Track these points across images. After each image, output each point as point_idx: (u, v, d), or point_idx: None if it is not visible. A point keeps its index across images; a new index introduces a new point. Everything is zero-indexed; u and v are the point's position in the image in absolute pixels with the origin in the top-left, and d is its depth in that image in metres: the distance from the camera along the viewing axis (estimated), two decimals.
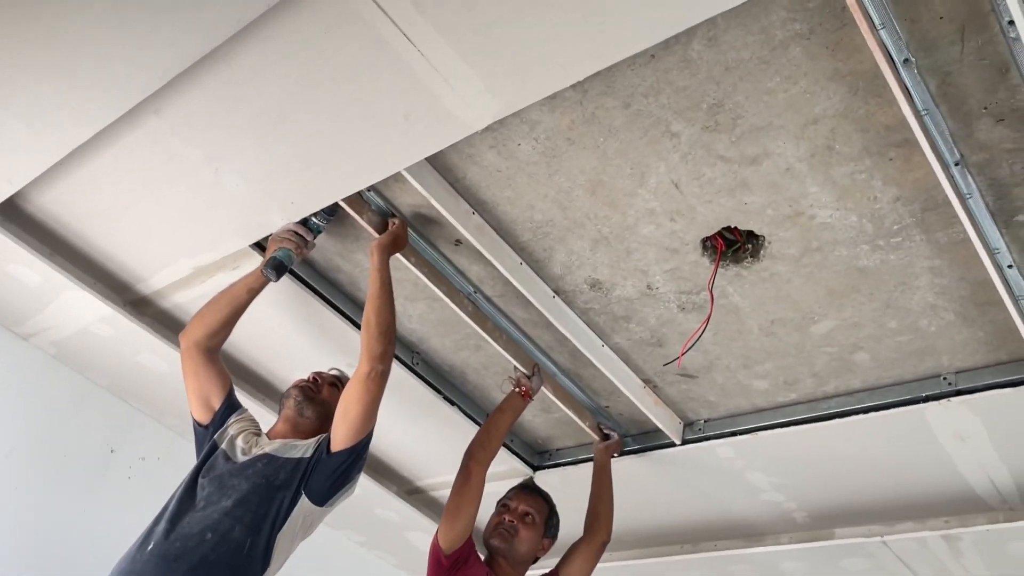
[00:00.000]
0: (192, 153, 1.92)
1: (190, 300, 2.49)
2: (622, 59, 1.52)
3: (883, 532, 2.75)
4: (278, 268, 2.15)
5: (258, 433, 2.21)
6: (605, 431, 2.79)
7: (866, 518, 2.79)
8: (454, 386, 2.83)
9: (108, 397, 2.98)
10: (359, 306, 2.54)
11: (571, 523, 2.52)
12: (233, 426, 2.20)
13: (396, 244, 2.13)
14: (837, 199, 1.85)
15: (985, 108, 1.59)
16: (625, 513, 3.05)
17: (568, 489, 2.98)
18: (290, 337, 2.62)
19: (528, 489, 2.45)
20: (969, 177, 1.71)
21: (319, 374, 2.34)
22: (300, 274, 2.41)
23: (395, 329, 2.10)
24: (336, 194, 1.97)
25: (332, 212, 2.16)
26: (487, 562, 2.28)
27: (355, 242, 2.32)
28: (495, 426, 2.37)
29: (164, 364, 2.75)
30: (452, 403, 2.79)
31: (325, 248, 2.36)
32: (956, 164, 1.68)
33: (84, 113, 1.82)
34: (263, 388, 2.88)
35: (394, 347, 2.11)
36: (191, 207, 2.09)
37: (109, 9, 1.57)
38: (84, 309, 2.54)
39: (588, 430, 2.77)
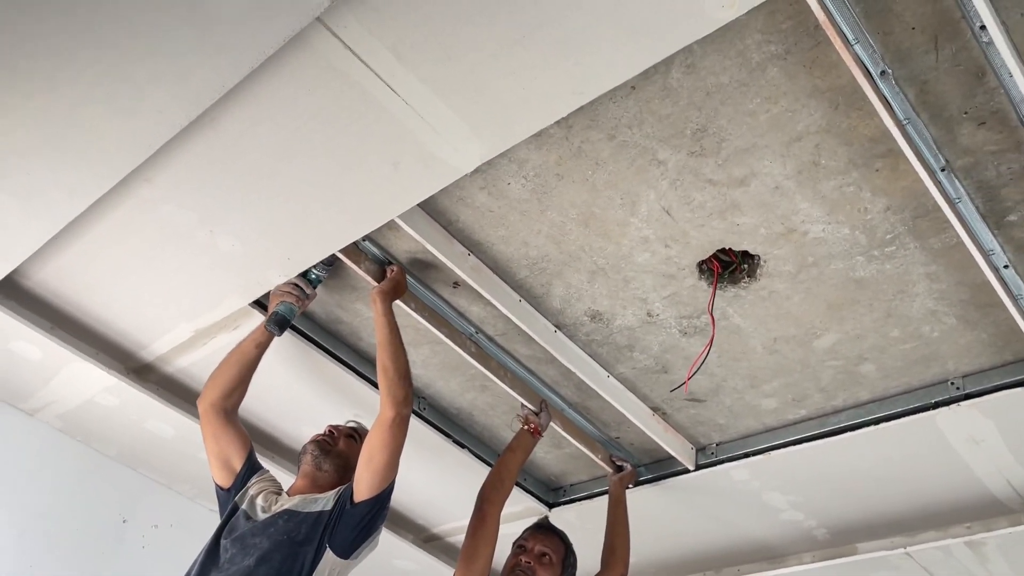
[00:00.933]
0: (186, 217, 1.93)
1: (193, 363, 2.49)
2: (603, 93, 1.54)
3: (906, 543, 2.72)
4: (281, 323, 2.17)
5: (278, 492, 2.18)
6: (618, 462, 2.77)
7: (888, 530, 2.76)
8: (463, 428, 2.81)
9: (117, 467, 2.96)
10: (362, 356, 2.55)
11: (590, 558, 2.50)
12: (254, 486, 2.17)
13: (396, 290, 2.15)
14: (828, 213, 1.86)
15: (966, 113, 1.61)
16: (644, 543, 3.02)
17: (585, 524, 2.96)
18: (296, 392, 2.61)
19: (543, 529, 2.42)
20: (956, 181, 1.72)
21: (335, 427, 2.32)
22: (302, 328, 2.41)
23: (410, 372, 2.11)
24: (332, 246, 1.99)
25: (330, 263, 2.18)
26: None
27: (354, 292, 2.32)
28: (506, 466, 2.35)
29: (171, 429, 2.74)
30: (462, 446, 2.78)
31: (325, 301, 2.36)
32: (942, 170, 1.69)
33: (76, 187, 1.83)
34: (272, 446, 2.86)
35: (412, 390, 2.10)
36: (188, 270, 2.10)
37: (95, 83, 1.60)
38: (88, 380, 2.53)
39: (600, 463, 2.76)
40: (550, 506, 3.02)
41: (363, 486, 2.01)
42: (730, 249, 2.00)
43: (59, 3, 1.46)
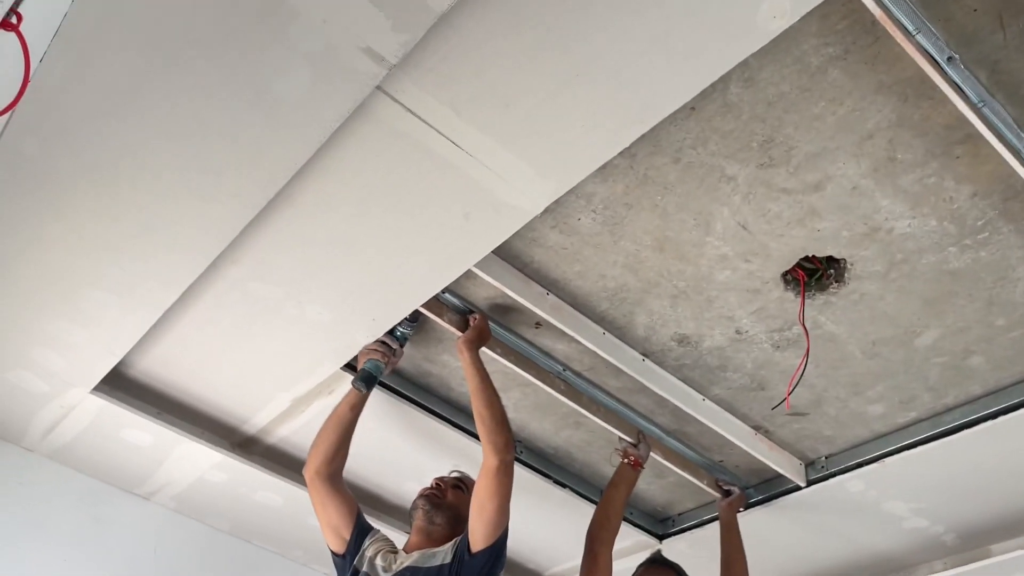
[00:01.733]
0: (273, 292, 2.00)
1: (294, 431, 2.55)
2: (663, 119, 1.54)
3: None
4: (367, 380, 2.19)
5: (394, 550, 2.18)
6: (725, 487, 2.71)
7: (1021, 528, 2.60)
8: (562, 467, 2.80)
9: (232, 540, 3.04)
10: (455, 407, 2.57)
11: None
12: (370, 548, 2.16)
13: (481, 338, 2.17)
14: (912, 207, 1.80)
15: None
16: (762, 567, 2.92)
17: (699, 553, 2.89)
18: (395, 449, 2.64)
19: (657, 563, 2.40)
20: None
21: (441, 479, 2.32)
22: (394, 385, 2.45)
23: (507, 417, 2.11)
24: (413, 303, 2.02)
25: (415, 319, 2.22)
26: None
27: (439, 344, 2.35)
28: (611, 502, 2.32)
29: (279, 498, 2.80)
30: (563, 485, 2.76)
31: (412, 356, 2.40)
32: None
33: (169, 276, 1.92)
34: (377, 504, 2.90)
35: (512, 435, 2.10)
36: (280, 342, 2.16)
37: (175, 176, 1.68)
38: (197, 459, 2.62)
39: (707, 488, 2.69)
40: (660, 538, 2.96)
41: (478, 536, 2.00)
42: (814, 256, 1.95)
43: (134, 106, 1.55)
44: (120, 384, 2.38)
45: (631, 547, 2.95)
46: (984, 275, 1.93)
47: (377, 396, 2.39)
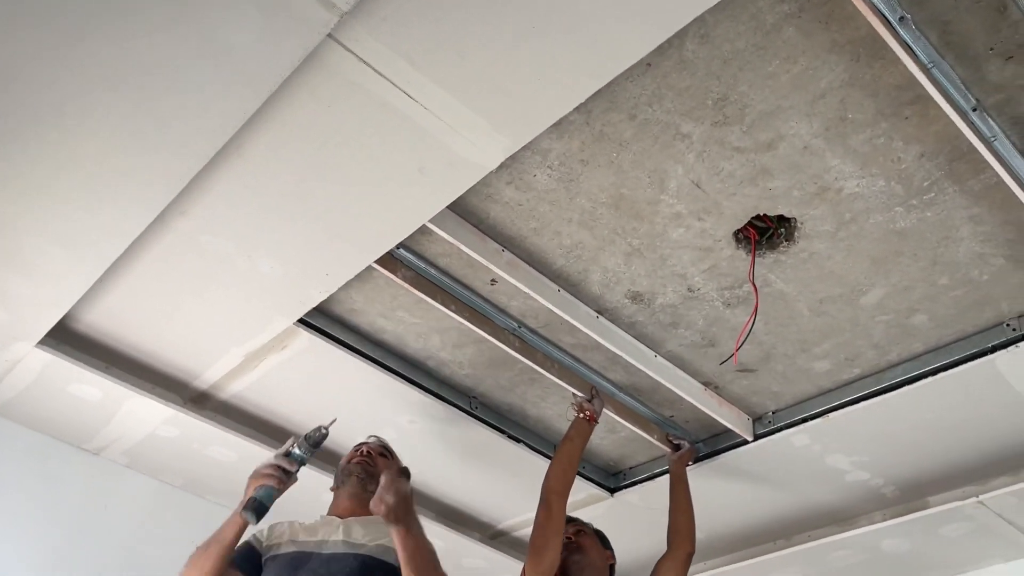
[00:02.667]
0: (224, 246, 1.97)
1: (247, 387, 2.53)
2: (619, 73, 1.54)
3: (978, 492, 2.66)
4: (258, 509, 1.96)
5: (303, 524, 2.18)
6: (675, 441, 2.76)
7: (958, 480, 2.71)
8: (516, 423, 2.82)
9: (185, 496, 3.03)
10: (410, 363, 2.57)
11: (658, 539, 2.49)
12: (270, 538, 2.14)
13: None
14: (861, 167, 1.83)
15: (991, 49, 1.57)
16: (711, 519, 3.00)
17: (650, 505, 2.96)
18: (351, 405, 2.64)
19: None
20: (990, 120, 1.68)
21: (367, 447, 2.32)
22: (348, 341, 2.43)
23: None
24: (367, 258, 2.00)
25: (317, 444, 2.07)
26: None
27: (394, 300, 2.34)
28: (567, 455, 2.35)
29: (233, 454, 2.79)
30: (517, 440, 2.79)
31: (367, 312, 2.38)
32: (974, 110, 1.65)
33: (115, 228, 1.88)
34: (331, 460, 2.90)
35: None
36: (232, 297, 2.14)
37: (120, 125, 1.63)
38: (148, 414, 2.60)
39: (658, 443, 2.75)
40: (612, 491, 3.02)
41: None
42: (765, 215, 1.98)
43: (77, 51, 1.50)
44: (66, 338, 2.33)
45: (584, 500, 3.01)
46: (929, 235, 1.98)
47: (333, 352, 2.38)
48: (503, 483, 2.97)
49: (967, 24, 1.53)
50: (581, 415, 2.43)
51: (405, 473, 2.04)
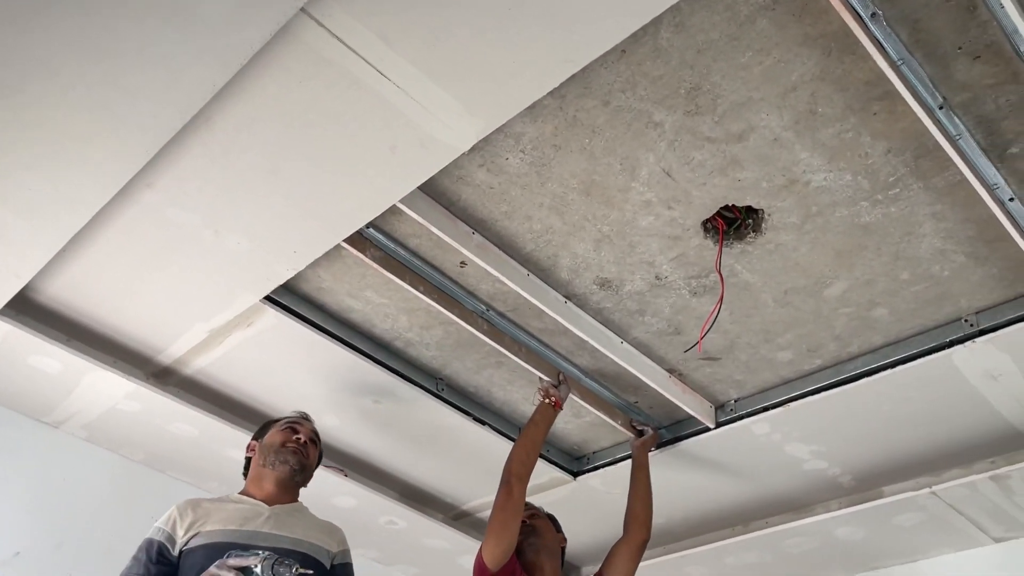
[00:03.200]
0: (190, 219, 1.95)
1: (211, 363, 2.51)
2: (594, 59, 1.54)
3: (931, 483, 2.73)
4: None
5: (227, 499, 2.15)
6: (638, 427, 2.79)
7: (912, 471, 2.77)
8: (481, 406, 2.83)
9: (145, 471, 3.01)
10: (376, 343, 2.56)
11: (618, 524, 2.52)
12: (188, 531, 2.03)
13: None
14: (829, 161, 1.85)
15: (960, 48, 1.60)
16: (672, 504, 3.05)
17: (611, 489, 3.00)
18: (314, 384, 2.63)
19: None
20: (956, 118, 1.71)
21: (300, 429, 2.28)
22: (316, 320, 2.42)
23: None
24: (336, 237, 1.99)
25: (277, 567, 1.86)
26: (524, 571, 2.28)
27: (363, 279, 2.33)
28: (530, 440, 2.37)
29: (195, 430, 2.77)
30: (482, 423, 2.80)
31: (335, 291, 2.37)
32: (940, 108, 1.68)
33: (78, 198, 1.85)
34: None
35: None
36: (198, 271, 2.11)
37: (86, 94, 1.60)
38: (109, 388, 2.57)
39: (621, 428, 2.77)
40: (575, 475, 3.04)
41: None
42: (733, 205, 2.00)
43: (42, 17, 1.46)
44: (27, 309, 2.29)
45: (547, 483, 3.04)
46: (893, 230, 2.01)
47: (299, 330, 2.37)
48: (467, 465, 2.99)
49: (937, 23, 1.55)
50: (546, 400, 2.44)
51: None
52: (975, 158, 1.77)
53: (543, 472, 2.97)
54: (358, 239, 2.13)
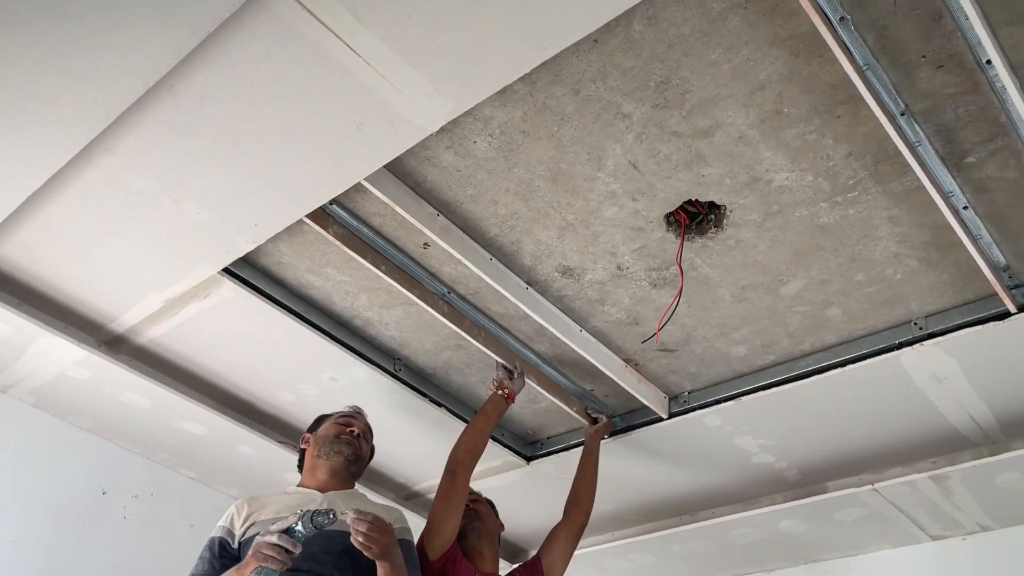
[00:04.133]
0: (149, 186, 1.91)
1: (165, 333, 2.48)
2: (566, 47, 1.54)
3: (873, 480, 2.80)
4: None
5: (286, 492, 2.21)
6: (593, 415, 2.82)
7: (856, 468, 2.84)
8: (439, 387, 2.84)
9: (94, 440, 2.96)
10: (336, 320, 2.55)
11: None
12: (252, 528, 2.04)
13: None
14: (792, 161, 1.88)
15: (924, 56, 1.63)
16: (621, 491, 3.09)
17: (563, 475, 3.02)
18: (273, 359, 2.61)
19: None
20: (916, 125, 1.75)
21: (355, 422, 2.31)
22: (275, 295, 2.40)
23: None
24: (299, 212, 1.97)
25: (321, 527, 1.82)
26: (465, 556, 2.30)
27: (324, 256, 2.31)
28: (479, 429, 2.38)
29: (146, 400, 2.73)
30: (439, 404, 2.81)
31: (295, 267, 2.35)
32: (902, 114, 1.72)
33: (35, 159, 1.81)
34: (249, 412, 2.87)
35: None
36: (155, 240, 2.08)
37: (48, 54, 1.56)
38: (59, 354, 2.52)
39: (576, 415, 2.80)
40: (527, 459, 3.06)
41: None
42: (697, 200, 2.02)
43: None
44: None
45: (499, 467, 3.06)
46: (850, 232, 2.05)
47: (257, 304, 2.35)
48: (422, 445, 2.99)
49: (903, 30, 1.58)
50: (499, 392, 2.46)
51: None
52: (933, 165, 1.81)
53: (496, 455, 2.99)
54: (321, 215, 2.11)
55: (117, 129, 1.75)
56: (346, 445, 2.25)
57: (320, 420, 2.36)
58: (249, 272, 2.34)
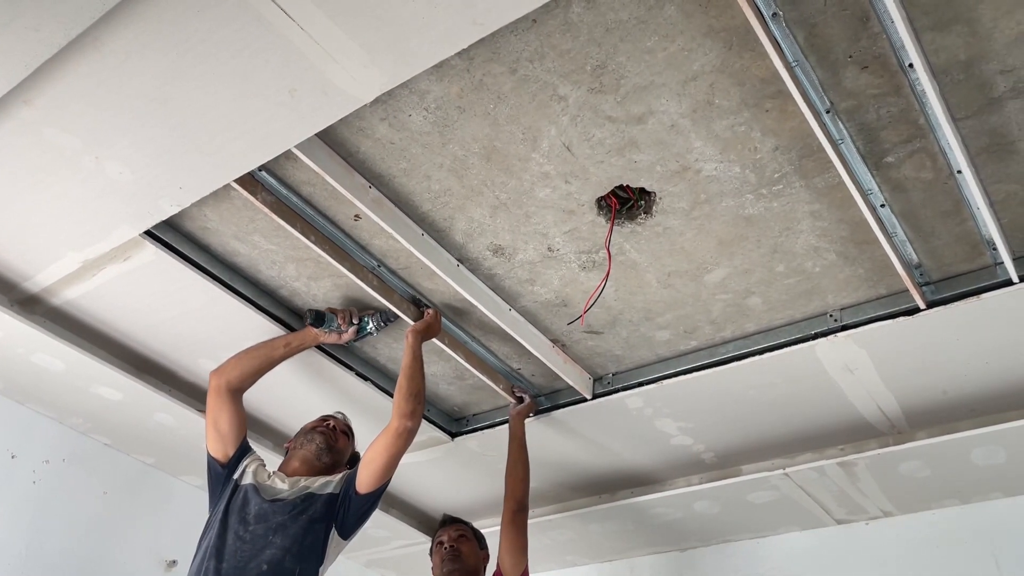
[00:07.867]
0: (69, 142, 1.85)
1: (82, 295, 2.40)
2: (504, 25, 1.54)
3: (785, 465, 2.90)
4: (316, 316, 2.46)
5: (265, 467, 2.40)
6: (518, 393, 2.85)
7: (769, 453, 2.94)
8: (366, 361, 2.82)
9: (3, 401, 2.85)
10: (261, 289, 2.51)
11: (492, 485, 2.58)
12: (249, 466, 2.37)
13: (429, 331, 2.45)
14: (721, 152, 1.92)
15: (850, 56, 1.68)
16: (545, 469, 3.13)
17: (487, 452, 3.05)
18: (194, 325, 2.56)
19: (449, 521, 2.75)
20: (840, 123, 1.80)
21: (333, 420, 2.54)
22: (200, 262, 2.34)
23: (424, 395, 2.37)
24: (226, 176, 1.93)
25: (384, 322, 2.53)
26: None
27: (251, 223, 2.27)
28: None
29: (61, 363, 2.65)
30: (365, 378, 2.80)
31: (221, 233, 2.30)
32: (827, 112, 1.77)
33: None
34: (169, 379, 2.81)
35: (422, 409, 2.36)
36: (74, 198, 2.01)
37: None
38: None
39: (503, 393, 2.82)
40: (453, 436, 3.08)
41: (364, 481, 2.28)
42: (628, 186, 2.04)
43: None
44: None
45: (426, 441, 3.06)
46: (773, 224, 2.11)
47: (180, 269, 2.30)
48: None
49: (832, 29, 1.63)
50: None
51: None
52: (854, 163, 1.87)
53: (423, 431, 2.99)
54: (249, 181, 2.07)
55: (37, 80, 1.68)
56: (319, 435, 2.46)
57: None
58: (172, 236, 2.28)
